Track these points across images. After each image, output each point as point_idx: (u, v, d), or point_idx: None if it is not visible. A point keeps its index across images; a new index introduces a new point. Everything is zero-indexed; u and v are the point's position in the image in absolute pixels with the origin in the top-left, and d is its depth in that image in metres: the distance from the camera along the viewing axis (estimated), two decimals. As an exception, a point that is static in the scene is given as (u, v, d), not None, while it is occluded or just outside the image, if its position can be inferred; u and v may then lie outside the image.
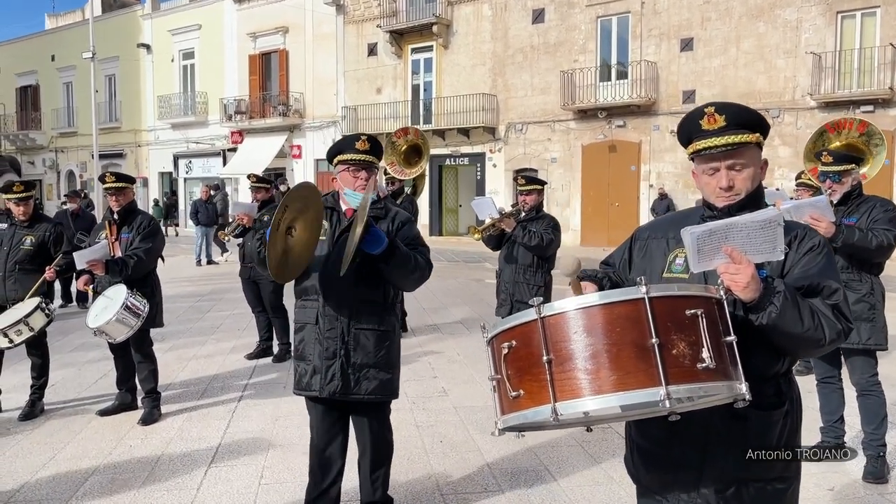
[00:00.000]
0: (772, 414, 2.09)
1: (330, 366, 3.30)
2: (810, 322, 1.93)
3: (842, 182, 4.31)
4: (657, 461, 2.23)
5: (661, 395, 1.70)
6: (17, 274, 5.43)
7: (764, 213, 1.93)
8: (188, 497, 4.03)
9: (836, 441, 4.45)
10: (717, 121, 2.09)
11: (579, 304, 1.81)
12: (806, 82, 18.69)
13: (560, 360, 1.79)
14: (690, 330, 1.79)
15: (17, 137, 38.09)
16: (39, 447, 4.83)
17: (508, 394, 1.89)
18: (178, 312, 10.11)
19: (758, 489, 2.10)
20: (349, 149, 3.37)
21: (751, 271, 1.89)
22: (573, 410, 1.76)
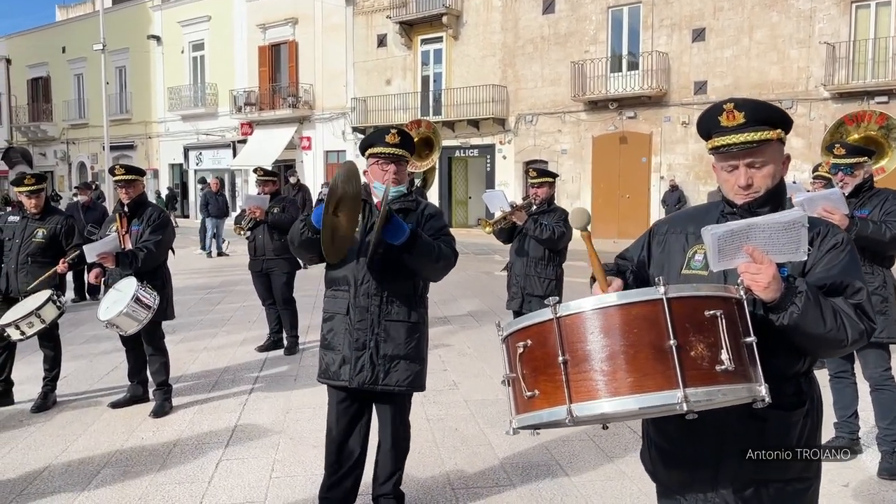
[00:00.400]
0: (792, 414, 2.05)
1: (360, 356, 3.32)
2: (832, 322, 1.89)
3: (854, 175, 4.28)
4: (673, 459, 2.21)
5: (679, 397, 1.67)
6: (30, 266, 5.45)
7: (789, 215, 1.89)
8: (200, 490, 4.03)
9: (850, 437, 4.41)
10: (736, 117, 2.04)
11: (596, 304, 1.78)
12: (820, 73, 18.50)
13: (576, 360, 1.76)
14: (709, 331, 1.76)
15: (29, 129, 38.32)
16: (52, 439, 4.85)
17: (524, 393, 1.87)
18: (188, 304, 10.14)
19: (777, 489, 2.06)
20: (379, 142, 3.38)
21: (772, 271, 1.85)
22: (589, 412, 1.74)
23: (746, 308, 1.85)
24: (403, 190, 3.51)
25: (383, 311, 3.34)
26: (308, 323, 8.24)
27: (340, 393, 3.45)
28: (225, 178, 29.01)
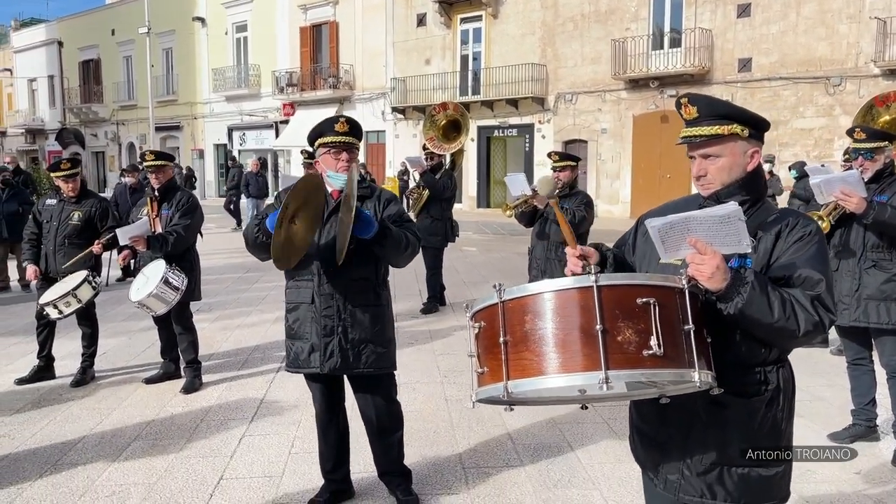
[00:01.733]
0: (752, 402, 2.09)
1: (328, 343, 3.41)
2: (781, 313, 1.92)
3: (874, 159, 4.21)
4: (649, 441, 2.29)
5: (600, 378, 1.75)
6: (67, 248, 5.69)
7: (723, 209, 1.95)
8: (221, 463, 4.22)
9: (867, 424, 4.38)
10: (690, 112, 2.14)
11: (534, 290, 1.89)
12: (870, 49, 17.86)
13: (515, 341, 1.88)
14: (640, 318, 1.82)
15: (81, 110, 39.42)
16: (88, 412, 5.11)
17: (477, 370, 2.01)
18: (226, 283, 10.44)
19: (741, 475, 2.11)
20: (329, 131, 3.42)
21: (715, 262, 1.90)
22: (522, 388, 1.85)
23: (687, 297, 1.90)
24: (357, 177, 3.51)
25: (348, 297, 3.41)
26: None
27: (316, 381, 3.56)
28: (268, 159, 29.48)
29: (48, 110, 42.11)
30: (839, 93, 18.44)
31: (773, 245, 2.09)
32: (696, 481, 2.13)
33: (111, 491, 3.87)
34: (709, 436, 2.11)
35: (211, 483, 3.97)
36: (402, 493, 3.64)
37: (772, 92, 19.40)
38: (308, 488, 3.89)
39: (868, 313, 4.15)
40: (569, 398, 2.21)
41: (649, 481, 2.33)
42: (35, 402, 5.36)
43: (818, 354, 6.31)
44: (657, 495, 2.32)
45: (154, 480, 4.00)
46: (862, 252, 4.21)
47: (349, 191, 3.08)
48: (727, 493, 2.11)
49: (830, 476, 4.01)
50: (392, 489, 3.68)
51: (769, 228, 2.11)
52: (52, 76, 41.37)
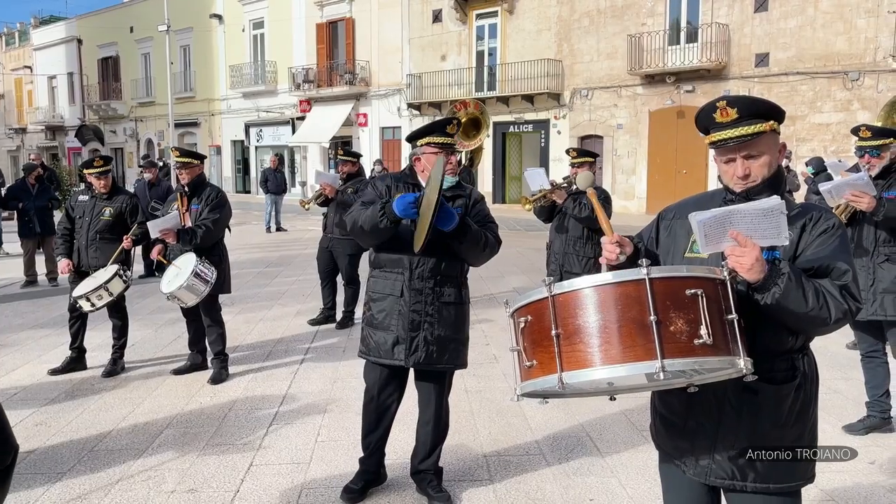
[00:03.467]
0: (782, 388, 2.18)
1: (414, 337, 3.49)
2: (814, 302, 2.02)
3: (881, 156, 4.32)
4: (676, 430, 2.36)
5: (657, 367, 1.84)
6: (99, 242, 5.86)
7: (766, 203, 2.02)
8: (251, 451, 4.37)
9: (881, 416, 4.46)
10: (729, 114, 2.18)
11: (586, 284, 1.96)
12: (888, 43, 17.75)
13: (567, 334, 1.95)
14: (690, 308, 1.91)
15: (100, 107, 39.84)
16: (120, 402, 5.28)
17: (524, 363, 2.07)
18: (247, 278, 10.61)
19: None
20: (440, 132, 3.52)
21: (755, 254, 1.99)
22: (577, 379, 1.92)
23: (730, 288, 1.99)
24: (456, 179, 3.69)
25: (436, 293, 3.50)
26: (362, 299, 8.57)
27: (384, 370, 3.62)
28: (284, 155, 29.72)
29: (67, 107, 42.60)
30: (857, 88, 18.35)
31: (799, 238, 2.17)
32: (726, 465, 2.21)
33: (147, 476, 4.03)
34: (740, 422, 2.19)
35: (242, 469, 4.12)
36: (433, 489, 3.68)
37: (789, 87, 19.32)
38: (335, 474, 4.03)
39: (885, 307, 4.23)
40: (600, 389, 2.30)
41: (673, 468, 2.40)
42: (69, 392, 5.54)
43: (834, 348, 6.37)
44: (679, 480, 2.39)
45: (187, 466, 4.15)
46: (874, 247, 4.30)
47: (434, 183, 3.15)
48: (757, 474, 2.19)
49: (846, 466, 4.08)
50: (423, 486, 3.72)
51: (794, 222, 2.19)
52: (72, 73, 41.84)
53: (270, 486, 3.90)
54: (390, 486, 3.88)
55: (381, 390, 3.68)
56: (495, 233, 3.61)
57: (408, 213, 3.31)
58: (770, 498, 2.22)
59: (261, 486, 3.90)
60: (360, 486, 3.73)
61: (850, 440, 4.45)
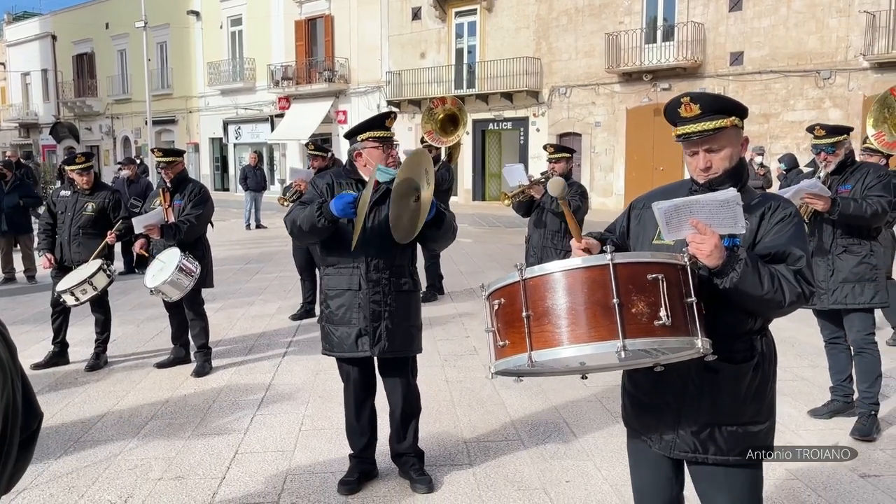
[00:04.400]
0: (741, 367, 2.32)
1: (377, 327, 3.59)
2: (770, 286, 2.16)
3: (836, 153, 4.50)
4: (644, 407, 2.50)
5: (619, 346, 1.97)
6: (81, 238, 5.91)
7: (723, 194, 2.16)
8: (236, 440, 4.46)
9: (844, 400, 4.65)
10: (692, 110, 2.32)
11: (554, 268, 2.10)
12: (859, 42, 18.13)
13: (537, 315, 2.08)
14: (651, 292, 2.04)
15: (75, 104, 39.37)
16: (104, 395, 5.34)
17: (498, 343, 2.21)
18: (228, 274, 10.65)
19: (730, 432, 2.34)
20: (380, 126, 3.63)
21: (714, 241, 2.12)
22: (545, 358, 2.06)
23: (690, 273, 2.13)
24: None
25: (393, 282, 3.61)
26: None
27: (354, 366, 3.73)
28: (263, 152, 29.61)
29: (42, 104, 42.08)
30: (829, 86, 18.72)
31: (758, 226, 2.32)
32: (689, 439, 2.35)
33: (134, 464, 4.10)
34: (701, 399, 2.32)
35: (227, 457, 4.21)
36: (415, 472, 3.77)
37: (763, 85, 19.67)
38: (318, 461, 4.14)
39: (845, 295, 4.42)
40: (573, 369, 2.44)
41: (640, 444, 2.55)
42: (52, 385, 5.58)
43: (804, 338, 6.57)
44: (646, 455, 2.54)
45: (173, 455, 4.23)
46: (833, 239, 4.48)
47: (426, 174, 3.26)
48: (717, 447, 2.33)
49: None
50: (405, 470, 3.82)
51: (753, 211, 2.34)
52: (46, 70, 41.32)
53: (256, 473, 4.00)
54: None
55: (358, 384, 3.78)
56: (453, 216, 3.76)
57: (346, 213, 3.40)
58: (729, 469, 2.36)
59: (246, 473, 4.00)
60: (356, 478, 3.80)
61: (815, 424, 4.65)
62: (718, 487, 2.39)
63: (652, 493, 2.58)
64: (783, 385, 5.39)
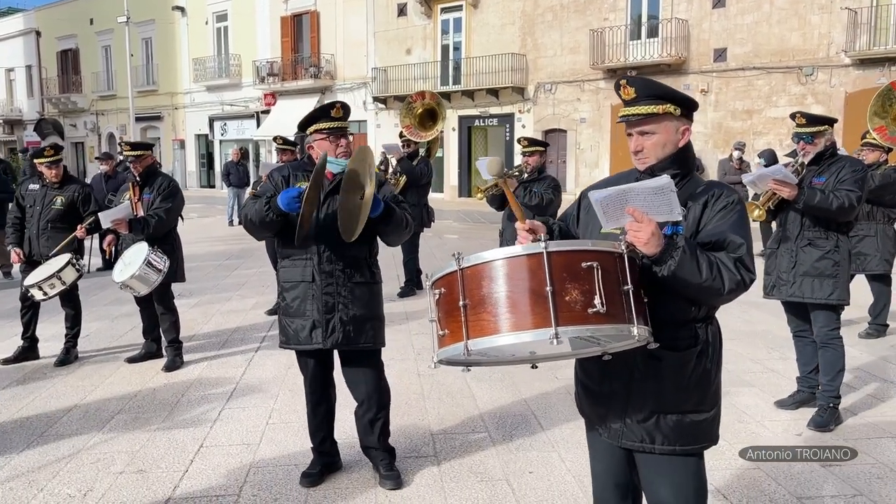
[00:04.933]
0: (684, 355, 2.32)
1: (330, 319, 3.55)
2: (708, 273, 2.15)
3: (814, 143, 4.45)
4: (594, 396, 2.50)
5: (551, 334, 1.95)
6: (50, 231, 5.85)
7: (657, 181, 2.16)
8: (202, 433, 4.43)
9: (810, 391, 4.67)
10: (629, 93, 2.35)
11: (490, 257, 2.08)
12: (841, 39, 18.24)
13: (473, 304, 2.07)
14: (585, 279, 2.02)
15: (60, 100, 39.07)
16: (72, 389, 5.30)
17: (438, 332, 2.20)
18: (207, 270, 10.61)
19: (675, 421, 2.34)
20: (325, 117, 3.57)
21: (651, 229, 2.12)
22: (481, 346, 2.04)
23: (627, 261, 2.12)
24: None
25: (347, 274, 3.57)
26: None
27: (311, 359, 3.70)
28: (249, 149, 29.53)
29: (26, 101, 41.72)
30: (811, 82, 18.82)
31: (701, 214, 2.32)
32: (636, 428, 2.35)
33: (96, 458, 4.07)
34: (646, 387, 2.33)
35: (192, 450, 4.19)
36: (384, 468, 3.74)
37: (746, 82, 19.75)
38: (283, 454, 4.12)
39: (803, 289, 4.41)
40: (521, 358, 2.44)
41: (594, 433, 2.56)
42: (20, 380, 5.53)
43: (777, 331, 6.60)
44: (601, 445, 2.55)
45: (137, 448, 4.20)
46: (799, 231, 4.45)
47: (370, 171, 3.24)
48: (664, 437, 2.33)
49: (775, 438, 4.29)
50: (375, 464, 3.80)
51: (698, 199, 2.34)
52: (30, 66, 40.98)
53: (219, 466, 3.98)
54: (345, 467, 3.95)
55: (315, 378, 3.76)
56: (409, 212, 3.70)
57: (291, 207, 3.37)
58: (675, 459, 2.36)
59: (209, 466, 3.98)
60: (318, 470, 3.79)
61: (781, 415, 4.67)
62: (662, 476, 2.40)
63: (606, 478, 2.59)
64: (752, 377, 5.45)
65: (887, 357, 5.97)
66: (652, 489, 2.43)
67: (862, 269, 6.52)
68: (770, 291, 4.65)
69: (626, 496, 2.58)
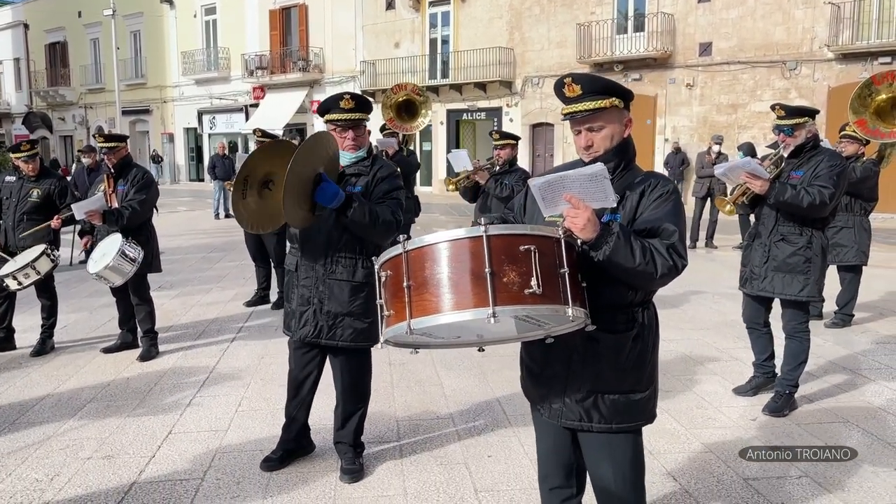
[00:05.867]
0: (621, 337, 2.42)
1: (304, 311, 3.61)
2: (641, 258, 2.25)
3: (794, 135, 4.43)
4: (536, 377, 2.61)
5: (489, 313, 2.05)
6: (26, 223, 5.92)
7: (590, 169, 2.25)
8: (171, 420, 4.52)
9: (765, 375, 4.80)
10: (574, 90, 2.42)
11: (433, 240, 2.17)
12: (824, 33, 18.37)
13: (417, 285, 2.16)
14: (522, 262, 2.12)
15: (48, 94, 38.90)
16: (46, 378, 5.37)
17: (385, 314, 2.28)
18: (190, 262, 10.67)
19: (612, 400, 2.45)
20: (334, 108, 3.51)
21: (587, 215, 2.21)
22: (423, 325, 2.13)
23: (564, 246, 2.22)
24: (363, 154, 3.65)
25: (328, 269, 3.56)
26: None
27: (295, 343, 3.77)
28: (238, 142, 29.52)
29: (14, 94, 41.52)
30: (795, 77, 18.96)
31: (638, 202, 2.42)
32: (575, 408, 2.46)
33: (66, 444, 4.15)
34: (585, 368, 2.43)
35: (160, 437, 4.27)
36: (346, 462, 3.75)
37: (731, 76, 19.87)
38: (250, 440, 4.21)
39: (773, 284, 4.47)
40: (469, 341, 2.53)
41: (538, 413, 2.67)
42: (-4, 370, 5.61)
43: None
44: (545, 426, 2.65)
45: (107, 435, 4.28)
46: (774, 226, 4.47)
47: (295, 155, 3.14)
48: (601, 416, 2.44)
49: (730, 423, 4.41)
50: (340, 456, 3.83)
51: (636, 188, 2.44)
52: (18, 59, 40.78)
53: (186, 451, 4.07)
54: (313, 454, 4.01)
55: (296, 362, 3.82)
56: (394, 209, 3.55)
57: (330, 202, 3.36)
58: (612, 436, 2.47)
59: (176, 452, 4.06)
60: (279, 456, 3.86)
61: (739, 401, 4.78)
62: (602, 455, 2.50)
63: (550, 458, 2.70)
64: (716, 365, 5.56)
65: (850, 346, 6.10)
66: (594, 466, 2.54)
67: (839, 261, 6.63)
68: (743, 284, 4.71)
69: (569, 476, 2.69)
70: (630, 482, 2.51)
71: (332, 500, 3.52)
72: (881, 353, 5.88)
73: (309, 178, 3.29)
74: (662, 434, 4.21)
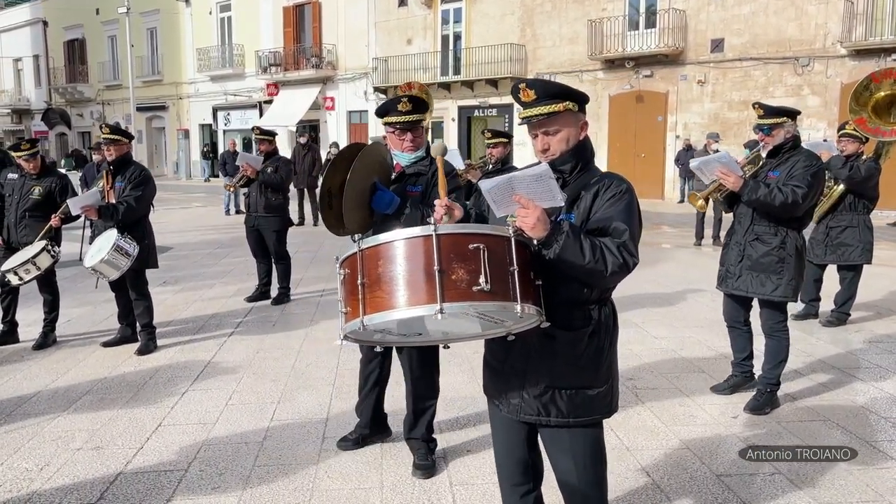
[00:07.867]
0: (577, 334, 2.48)
1: None
2: (591, 256, 2.30)
3: (772, 135, 4.44)
4: (497, 373, 2.67)
5: (436, 309, 2.12)
6: (28, 220, 6.06)
7: (535, 170, 2.31)
8: (162, 413, 4.63)
9: (744, 375, 4.83)
10: (529, 95, 2.48)
11: (386, 239, 2.24)
12: (837, 30, 18.21)
13: (371, 282, 2.24)
14: (471, 260, 2.18)
15: (66, 90, 39.42)
16: (45, 371, 5.51)
17: (342, 311, 2.36)
18: (195, 258, 10.81)
19: (569, 395, 2.50)
20: (393, 111, 3.59)
21: (537, 214, 2.27)
22: (375, 321, 2.20)
23: (514, 244, 2.27)
24: (422, 154, 3.69)
25: None
26: (301, 276, 8.84)
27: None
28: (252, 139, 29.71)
29: (34, 90, 42.12)
30: (807, 73, 18.80)
31: (592, 202, 2.47)
32: (533, 402, 2.52)
33: (57, 436, 4.28)
34: (542, 364, 2.49)
35: (150, 429, 4.38)
36: (419, 457, 3.84)
37: (743, 72, 19.75)
38: (237, 432, 4.31)
39: (747, 283, 4.50)
40: (435, 338, 2.60)
41: (495, 409, 2.73)
42: (-2, 362, 5.76)
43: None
44: (500, 420, 2.71)
45: (98, 427, 4.40)
46: (749, 225, 4.49)
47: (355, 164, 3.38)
48: (559, 410, 2.50)
49: (710, 420, 4.44)
50: (413, 451, 3.90)
51: (590, 189, 2.49)
52: (38, 56, 41.33)
53: (173, 443, 4.17)
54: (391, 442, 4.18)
55: (365, 356, 4.06)
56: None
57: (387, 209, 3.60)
58: (571, 430, 2.53)
59: (164, 444, 4.17)
60: (355, 437, 4.09)
61: (721, 398, 4.81)
62: (562, 449, 2.56)
63: (506, 454, 2.76)
64: (703, 362, 5.59)
65: (843, 345, 6.09)
66: (555, 461, 2.60)
67: (844, 260, 6.61)
68: (720, 283, 4.75)
69: (526, 472, 2.74)
70: (591, 475, 2.57)
71: (309, 493, 3.60)
72: (873, 353, 5.87)
73: (365, 188, 3.52)
74: (641, 430, 4.26)
